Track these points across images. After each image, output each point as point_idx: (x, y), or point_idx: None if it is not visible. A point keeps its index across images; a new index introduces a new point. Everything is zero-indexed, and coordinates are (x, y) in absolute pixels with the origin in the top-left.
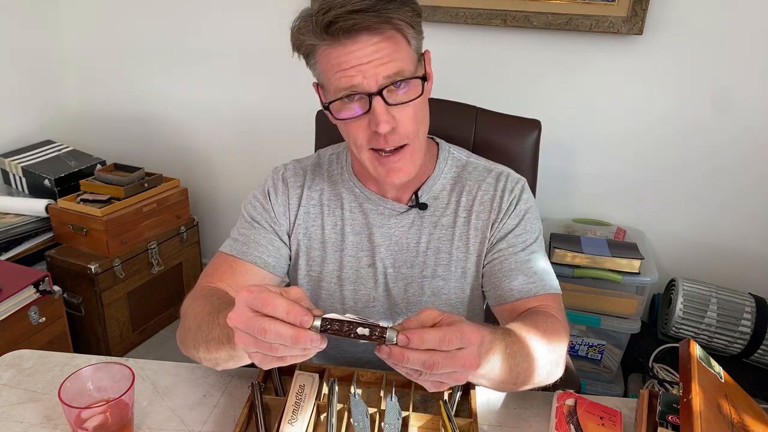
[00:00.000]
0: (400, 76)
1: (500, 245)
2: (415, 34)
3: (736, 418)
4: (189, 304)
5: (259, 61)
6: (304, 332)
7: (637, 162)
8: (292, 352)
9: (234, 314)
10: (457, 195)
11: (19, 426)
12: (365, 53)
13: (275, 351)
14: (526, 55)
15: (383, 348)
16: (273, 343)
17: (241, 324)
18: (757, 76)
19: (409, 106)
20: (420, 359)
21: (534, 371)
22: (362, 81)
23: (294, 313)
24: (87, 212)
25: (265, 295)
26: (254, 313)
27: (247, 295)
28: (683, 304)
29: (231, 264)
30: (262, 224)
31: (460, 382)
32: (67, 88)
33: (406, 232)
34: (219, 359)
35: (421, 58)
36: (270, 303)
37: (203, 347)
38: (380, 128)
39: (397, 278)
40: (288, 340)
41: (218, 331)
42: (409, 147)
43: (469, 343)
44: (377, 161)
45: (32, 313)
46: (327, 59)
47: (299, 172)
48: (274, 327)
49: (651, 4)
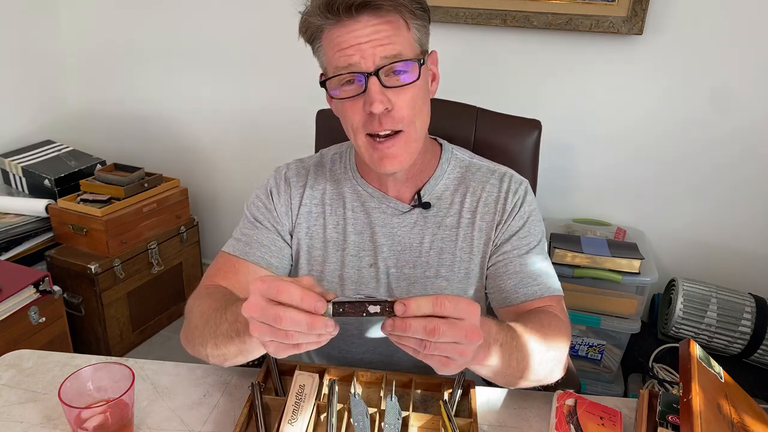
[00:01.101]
0: (398, 58)
1: (505, 247)
2: (416, 25)
3: (736, 418)
4: (194, 303)
5: (260, 61)
6: (319, 318)
7: (637, 162)
8: (307, 339)
9: (248, 304)
10: (461, 196)
11: (19, 426)
12: (365, 33)
13: (291, 338)
14: (526, 55)
15: (387, 322)
16: (288, 330)
17: (256, 313)
18: (757, 76)
19: (406, 90)
20: (420, 325)
21: (535, 365)
22: (360, 60)
23: (308, 299)
24: (87, 212)
25: (279, 283)
26: (269, 302)
27: (261, 285)
28: (683, 304)
29: (234, 264)
30: (265, 224)
31: (465, 356)
32: (67, 88)
33: (409, 232)
34: (228, 354)
35: (425, 53)
36: (285, 291)
37: (211, 343)
38: (374, 107)
39: (400, 278)
40: (304, 327)
41: (227, 326)
42: (403, 134)
43: (467, 314)
44: (372, 147)
45: (32, 313)
46: (329, 40)
47: (302, 171)
48: (289, 314)
49: (651, 4)
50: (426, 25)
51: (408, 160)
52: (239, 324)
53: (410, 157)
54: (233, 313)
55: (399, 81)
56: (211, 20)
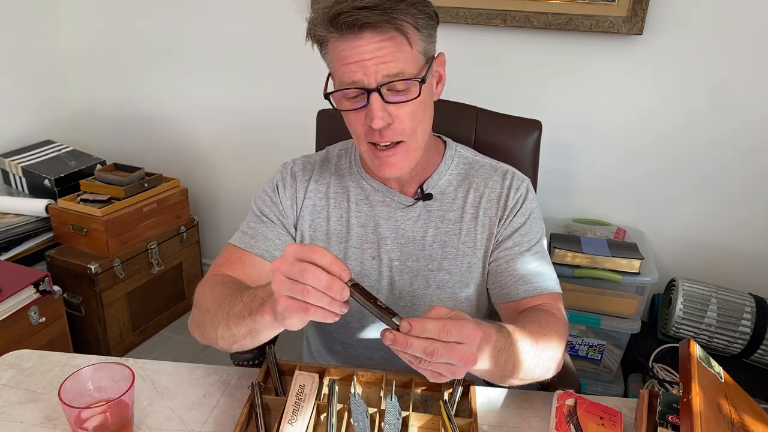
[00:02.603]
0: (400, 77)
1: (506, 243)
2: (421, 37)
3: (736, 418)
4: (205, 289)
5: (260, 60)
6: (337, 281)
7: (638, 162)
8: (320, 302)
9: (279, 261)
10: (464, 191)
11: (19, 426)
12: (368, 50)
13: (306, 295)
14: (527, 55)
15: (387, 334)
16: (307, 284)
17: (284, 267)
18: (757, 76)
19: (407, 104)
20: (421, 346)
21: (531, 367)
22: (363, 77)
23: (337, 264)
24: (87, 212)
25: (314, 246)
26: (298, 261)
27: (296, 247)
28: (683, 304)
29: (239, 256)
30: (271, 218)
31: (456, 376)
32: (67, 88)
33: (412, 225)
34: (237, 335)
35: (430, 60)
36: (318, 252)
37: (223, 324)
38: (374, 123)
39: (403, 271)
40: (323, 284)
41: (240, 307)
42: (404, 144)
43: (468, 339)
44: (373, 153)
45: (32, 313)
46: (335, 51)
47: (308, 166)
48: (313, 270)
49: (651, 4)
50: (433, 33)
51: (408, 167)
52: (254, 303)
53: (410, 165)
54: (250, 295)
55: (400, 96)
56: (211, 20)
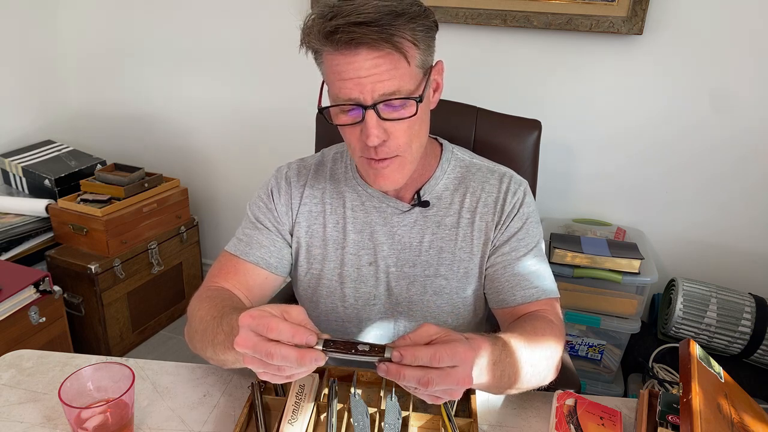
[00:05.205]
0: (396, 95)
1: (503, 248)
2: (420, 53)
3: (736, 418)
4: (195, 306)
5: (260, 61)
6: (308, 353)
7: (637, 162)
8: (298, 371)
9: (240, 339)
10: (460, 196)
11: (19, 426)
12: (364, 66)
13: (282, 372)
14: (526, 55)
15: (381, 366)
16: (279, 365)
17: (248, 349)
18: (757, 76)
19: (403, 121)
20: (415, 376)
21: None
22: (359, 95)
23: (299, 336)
24: (87, 212)
25: (268, 320)
26: (259, 338)
27: (250, 321)
28: (683, 304)
29: (234, 264)
30: (266, 225)
31: (455, 397)
32: (67, 88)
33: (409, 231)
34: (226, 361)
35: (428, 71)
36: (274, 328)
37: (210, 349)
38: (370, 141)
39: (400, 277)
40: (294, 362)
41: (223, 337)
42: (399, 158)
43: (462, 362)
44: (368, 165)
45: (32, 313)
46: (330, 64)
47: (302, 171)
48: (279, 351)
49: (651, 4)
50: (432, 43)
51: (402, 180)
52: (234, 336)
53: (404, 177)
54: (228, 325)
55: (396, 114)
56: (211, 21)
